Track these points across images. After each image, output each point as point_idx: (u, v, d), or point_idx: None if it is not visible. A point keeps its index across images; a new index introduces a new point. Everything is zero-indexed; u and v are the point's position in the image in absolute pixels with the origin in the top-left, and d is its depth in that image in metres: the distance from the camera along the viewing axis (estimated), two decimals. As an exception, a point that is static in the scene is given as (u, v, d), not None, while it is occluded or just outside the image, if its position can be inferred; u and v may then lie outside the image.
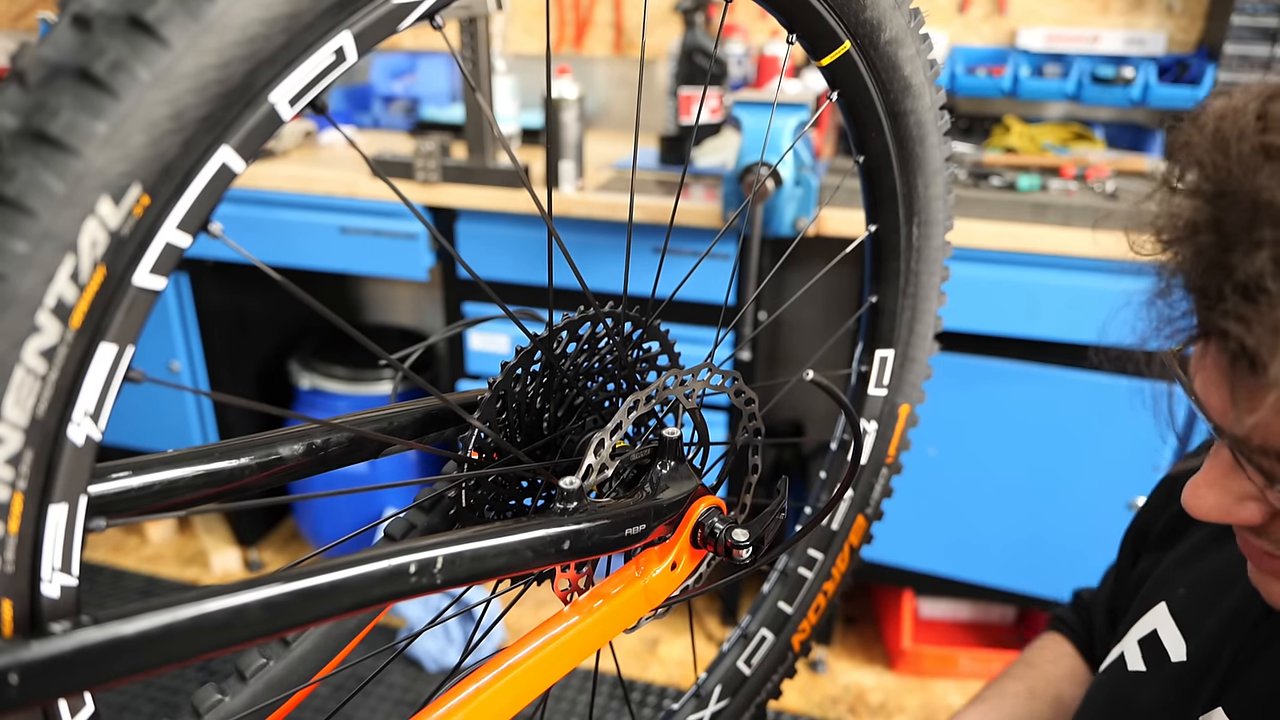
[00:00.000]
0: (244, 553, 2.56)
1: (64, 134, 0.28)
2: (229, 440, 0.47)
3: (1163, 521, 0.81)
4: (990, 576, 2.01)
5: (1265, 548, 0.54)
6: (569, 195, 1.88)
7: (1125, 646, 0.74)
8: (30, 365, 0.29)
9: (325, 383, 2.37)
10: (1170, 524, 0.79)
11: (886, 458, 0.80)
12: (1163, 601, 0.72)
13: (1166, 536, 0.79)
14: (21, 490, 0.31)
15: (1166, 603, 0.72)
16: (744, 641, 0.79)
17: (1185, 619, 0.69)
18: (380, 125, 2.55)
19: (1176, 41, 2.13)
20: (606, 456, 0.54)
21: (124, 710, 2.04)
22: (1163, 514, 0.81)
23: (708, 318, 1.86)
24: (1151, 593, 0.74)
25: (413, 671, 2.16)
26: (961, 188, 1.80)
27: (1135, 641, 0.72)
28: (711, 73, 2.11)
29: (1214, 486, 0.52)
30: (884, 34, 0.59)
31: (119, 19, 0.29)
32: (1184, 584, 0.72)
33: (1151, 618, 0.72)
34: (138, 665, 0.33)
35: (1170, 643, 0.69)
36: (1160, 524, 0.81)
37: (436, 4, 0.38)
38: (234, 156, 0.33)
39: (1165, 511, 0.81)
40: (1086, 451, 1.83)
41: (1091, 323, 1.95)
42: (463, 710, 0.47)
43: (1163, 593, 0.73)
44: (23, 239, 0.28)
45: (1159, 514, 0.82)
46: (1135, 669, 0.71)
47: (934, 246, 0.72)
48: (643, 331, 0.60)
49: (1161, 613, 0.71)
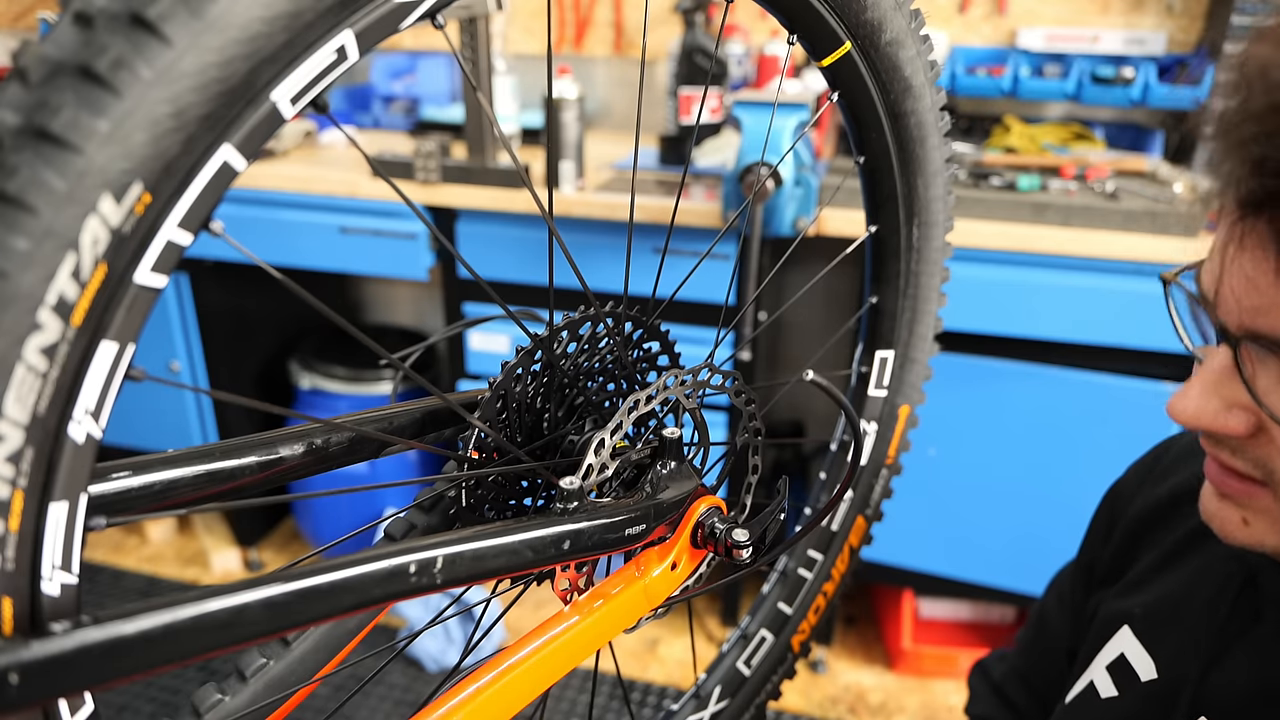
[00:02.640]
0: (244, 553, 2.56)
1: (65, 131, 0.28)
2: (229, 440, 0.47)
3: (1105, 559, 0.80)
4: (990, 576, 2.01)
5: (1239, 466, 0.53)
6: (569, 195, 1.88)
7: (1093, 675, 0.73)
8: (31, 363, 0.29)
9: (325, 383, 2.37)
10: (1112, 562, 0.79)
11: (886, 459, 0.80)
12: (1124, 625, 0.72)
13: (1109, 575, 0.79)
14: (22, 488, 0.31)
15: (1128, 624, 0.71)
16: (743, 642, 0.79)
17: (1148, 637, 0.69)
18: (380, 125, 2.55)
19: (1176, 41, 2.14)
20: (606, 456, 0.54)
21: (124, 710, 2.04)
22: (1103, 550, 0.81)
23: (708, 318, 1.86)
24: (1109, 622, 0.74)
25: (413, 671, 2.16)
26: (961, 188, 1.80)
27: (1104, 668, 0.72)
28: (712, 73, 2.11)
29: (1205, 393, 0.52)
30: (885, 35, 0.59)
31: (121, 17, 0.29)
32: (1139, 605, 0.72)
33: (1116, 643, 0.72)
34: (138, 665, 0.33)
35: (1139, 664, 0.69)
36: (1103, 562, 0.81)
37: (437, 3, 0.38)
38: (235, 155, 0.33)
39: (1105, 547, 0.81)
40: (1086, 451, 1.83)
41: (1091, 323, 1.96)
42: (463, 710, 0.47)
43: (1121, 618, 0.73)
44: (24, 236, 0.28)
45: (1100, 550, 0.82)
46: (1108, 695, 0.70)
47: (934, 247, 0.72)
48: (643, 331, 0.60)
49: (1126, 635, 0.71)
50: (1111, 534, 0.80)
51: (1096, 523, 0.85)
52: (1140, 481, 0.80)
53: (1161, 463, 0.79)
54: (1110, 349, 1.76)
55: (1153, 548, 0.74)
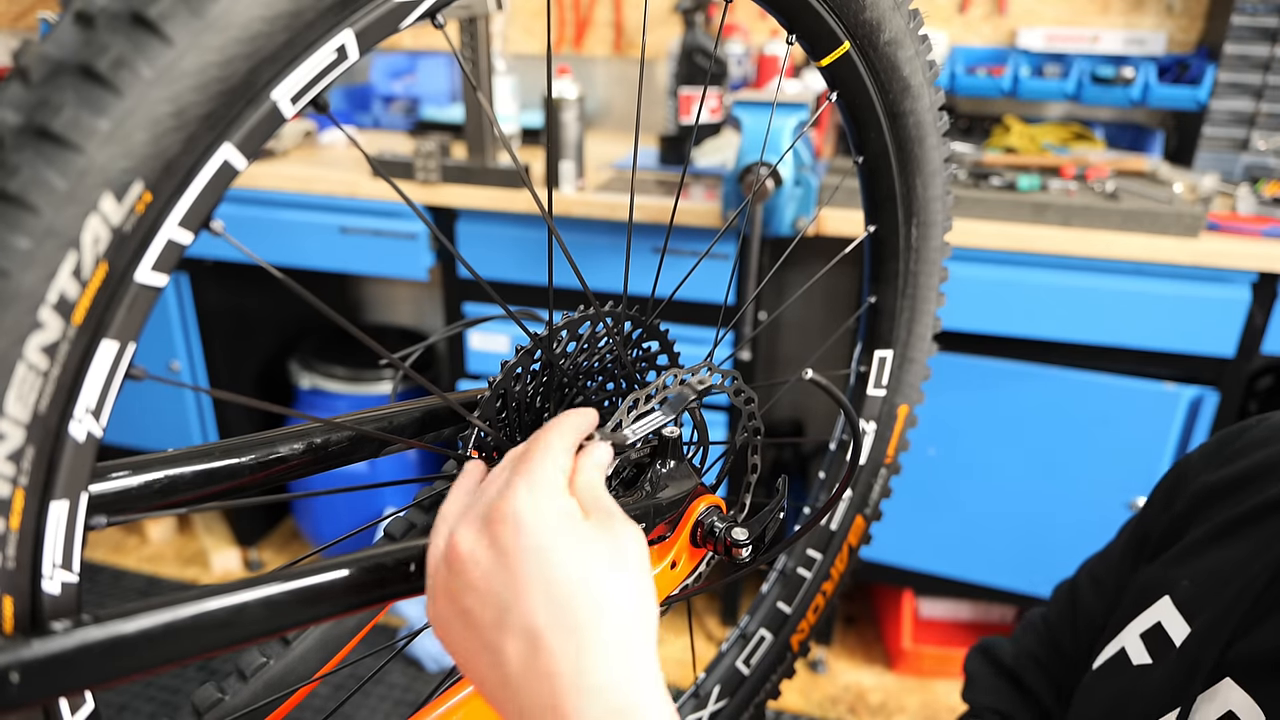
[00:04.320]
0: (244, 552, 2.56)
1: (67, 130, 0.28)
2: (229, 439, 0.47)
3: (1162, 525, 0.80)
4: (990, 576, 2.01)
5: None
6: (569, 195, 1.88)
7: (1125, 641, 0.73)
8: (32, 361, 0.29)
9: (325, 383, 2.37)
10: (1170, 527, 0.79)
11: (885, 458, 0.80)
12: (1166, 595, 0.71)
13: (1164, 542, 0.79)
14: (23, 486, 0.31)
15: (1170, 595, 0.71)
16: (743, 642, 0.79)
17: (1189, 608, 0.69)
18: (380, 125, 2.55)
19: (1176, 41, 2.14)
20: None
21: (124, 710, 2.04)
22: (1164, 515, 0.81)
23: (708, 318, 1.86)
24: (1149, 590, 0.74)
25: (413, 671, 2.16)
26: (961, 188, 1.80)
27: (1138, 635, 0.72)
28: (711, 73, 2.11)
29: None
30: (883, 35, 0.59)
31: (122, 16, 0.29)
32: (1186, 577, 0.71)
33: (1155, 611, 0.71)
34: (138, 664, 0.34)
35: (1175, 632, 0.68)
36: (1159, 529, 0.81)
37: (437, 3, 0.38)
38: (236, 154, 0.33)
39: (1166, 513, 0.80)
40: (1086, 451, 1.83)
41: (1091, 323, 1.96)
42: (462, 710, 0.47)
43: (1164, 588, 0.72)
44: (25, 235, 0.28)
45: (1159, 517, 0.82)
46: (1140, 662, 0.70)
47: (933, 247, 0.72)
48: (642, 331, 0.60)
49: (1166, 605, 0.71)
50: (1172, 503, 0.80)
51: (1158, 493, 0.84)
52: (1209, 459, 0.80)
53: (1234, 445, 0.78)
54: (1110, 349, 1.76)
55: (1208, 521, 0.74)
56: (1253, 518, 0.70)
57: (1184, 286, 1.66)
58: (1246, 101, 1.96)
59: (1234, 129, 1.98)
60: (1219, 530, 0.72)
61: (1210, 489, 0.76)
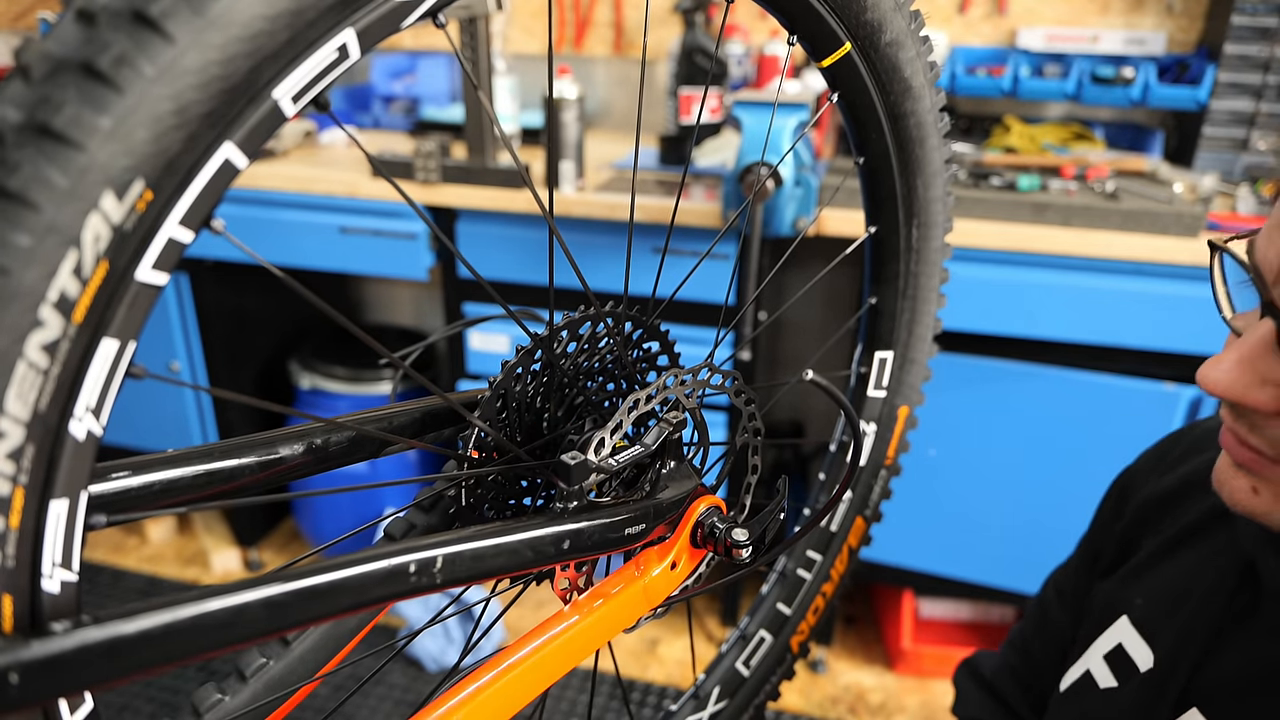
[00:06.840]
0: (244, 553, 2.55)
1: (67, 128, 0.28)
2: (229, 440, 0.47)
3: (1114, 538, 0.80)
4: (990, 576, 2.01)
5: (1255, 443, 0.53)
6: (569, 195, 1.88)
7: (1090, 664, 0.73)
8: (32, 359, 0.29)
9: (325, 383, 2.37)
10: (1121, 540, 0.79)
11: (885, 459, 0.80)
12: (1123, 615, 0.72)
13: (1117, 557, 0.79)
14: (23, 485, 0.31)
15: (1127, 615, 0.71)
16: (742, 643, 0.79)
17: (1147, 628, 0.69)
18: (380, 125, 2.55)
19: (1176, 41, 2.14)
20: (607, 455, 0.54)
21: (124, 710, 2.04)
22: (1114, 527, 0.81)
23: (708, 318, 1.86)
24: (1107, 610, 0.74)
25: (413, 671, 2.16)
26: (961, 188, 1.80)
27: (1101, 658, 0.72)
28: (712, 73, 2.11)
29: (1240, 365, 0.50)
30: (885, 36, 0.59)
31: (123, 14, 0.29)
32: (1140, 595, 0.71)
33: (1114, 632, 0.72)
34: (138, 664, 0.33)
35: (1136, 654, 0.68)
36: (1111, 543, 0.80)
37: (438, 2, 0.38)
38: (237, 153, 0.33)
39: (1116, 525, 0.80)
40: (1086, 451, 1.83)
41: (1091, 323, 1.96)
42: (462, 710, 0.47)
43: (1120, 607, 0.72)
44: (26, 233, 0.28)
45: (1109, 529, 0.82)
46: (1106, 686, 0.70)
47: (933, 248, 0.72)
48: (643, 331, 0.60)
49: (1124, 625, 0.71)
50: (1119, 519, 0.80)
51: (1104, 509, 0.84)
52: (1150, 469, 0.80)
53: (1173, 453, 0.79)
54: (1110, 349, 1.76)
55: (1157, 535, 0.74)
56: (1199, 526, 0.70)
57: (1184, 286, 1.66)
58: (1246, 101, 1.96)
59: (1234, 129, 1.98)
60: (1168, 543, 0.72)
61: (1155, 499, 0.76)
